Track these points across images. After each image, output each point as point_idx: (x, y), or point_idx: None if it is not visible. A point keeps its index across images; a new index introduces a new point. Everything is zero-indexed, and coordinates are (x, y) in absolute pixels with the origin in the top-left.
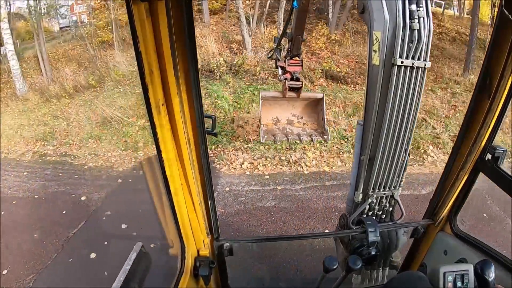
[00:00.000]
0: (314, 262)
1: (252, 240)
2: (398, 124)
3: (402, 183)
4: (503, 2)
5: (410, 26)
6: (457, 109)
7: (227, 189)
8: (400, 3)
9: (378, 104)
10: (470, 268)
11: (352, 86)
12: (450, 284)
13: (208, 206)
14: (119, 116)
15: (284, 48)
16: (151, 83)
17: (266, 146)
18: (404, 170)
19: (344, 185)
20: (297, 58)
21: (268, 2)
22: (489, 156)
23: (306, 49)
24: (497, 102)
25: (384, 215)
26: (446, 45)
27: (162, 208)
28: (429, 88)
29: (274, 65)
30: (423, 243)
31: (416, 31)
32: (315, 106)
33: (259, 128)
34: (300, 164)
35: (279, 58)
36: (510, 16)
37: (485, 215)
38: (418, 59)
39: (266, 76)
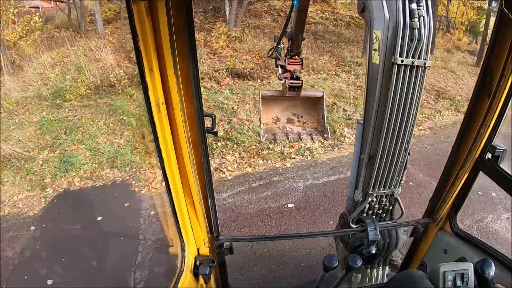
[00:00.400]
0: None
1: (252, 239)
2: (398, 123)
3: (402, 182)
4: (503, 1)
5: (410, 25)
6: (362, 89)
7: (152, 212)
8: (400, 2)
9: (378, 103)
10: (470, 267)
11: (259, 81)
12: (450, 283)
13: (208, 205)
14: (18, 152)
15: (284, 47)
16: (151, 82)
17: None
18: (405, 169)
19: (271, 183)
20: (297, 57)
21: None
22: (489, 155)
23: (207, 49)
24: (497, 101)
25: (384, 214)
26: (342, 30)
27: (162, 207)
28: (334, 73)
29: None
30: (423, 242)
31: (416, 30)
32: (315, 104)
33: (259, 127)
34: (221, 170)
35: (279, 57)
36: (510, 15)
37: (411, 183)
38: (418, 58)
39: None
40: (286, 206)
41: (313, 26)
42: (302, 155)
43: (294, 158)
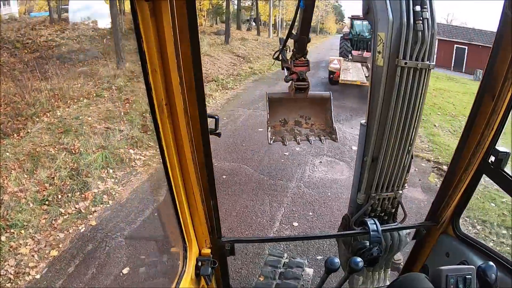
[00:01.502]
0: None
1: (254, 240)
2: (402, 125)
3: (405, 184)
4: (507, 3)
5: (414, 27)
6: (130, 100)
7: None
8: (404, 4)
9: (382, 105)
10: (473, 270)
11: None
12: (452, 286)
13: (210, 205)
14: None
15: (289, 49)
16: (154, 82)
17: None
18: (407, 171)
19: (89, 258)
20: (303, 58)
21: None
22: (492, 158)
23: None
24: (501, 103)
25: (387, 217)
26: (88, 46)
27: (165, 207)
28: (95, 94)
29: None
30: (425, 245)
31: (420, 32)
32: (322, 106)
33: (267, 130)
34: (24, 273)
35: (285, 59)
36: None
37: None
38: (422, 60)
39: None
40: None
41: (56, 50)
42: (102, 203)
43: (95, 211)
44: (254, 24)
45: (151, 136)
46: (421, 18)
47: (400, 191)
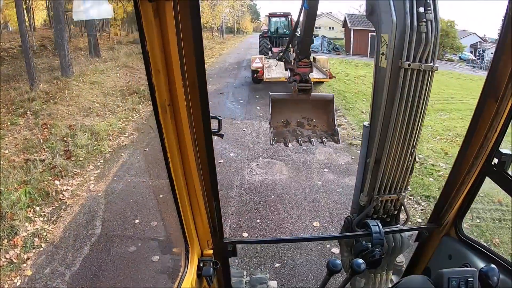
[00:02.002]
0: None
1: (256, 241)
2: (405, 127)
3: (408, 186)
4: (510, 5)
5: (417, 28)
6: (48, 125)
7: None
8: (408, 6)
9: (385, 107)
10: (475, 273)
11: None
12: None
13: (212, 206)
14: None
15: (292, 50)
16: (157, 83)
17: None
18: (410, 173)
19: None
20: (306, 60)
21: None
22: (495, 160)
23: None
24: (504, 105)
25: (389, 219)
26: None
27: (167, 208)
28: (9, 123)
29: None
30: (428, 247)
31: (424, 34)
32: (325, 107)
33: (269, 131)
34: None
35: (288, 60)
36: None
37: None
38: (426, 61)
39: None
40: None
41: None
42: (34, 247)
43: (29, 259)
44: None
45: (75, 162)
46: (425, 20)
47: (403, 193)
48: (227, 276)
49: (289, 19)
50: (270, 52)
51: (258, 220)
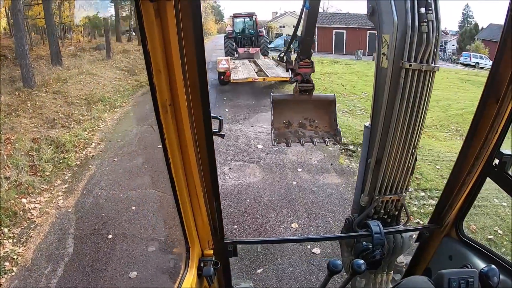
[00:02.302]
0: None
1: (256, 242)
2: (406, 127)
3: (409, 187)
4: (511, 5)
5: (419, 29)
6: (12, 140)
7: None
8: (409, 6)
9: (386, 107)
10: (475, 273)
11: None
12: None
13: (213, 206)
14: None
15: (293, 51)
16: (158, 83)
17: None
18: (411, 174)
19: None
20: (307, 60)
21: None
22: (496, 161)
23: None
24: (505, 106)
25: (390, 219)
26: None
27: (168, 208)
28: None
29: None
30: (428, 247)
31: (425, 34)
32: (327, 108)
33: (271, 131)
34: None
35: (289, 60)
36: None
37: None
38: (427, 62)
39: None
40: None
41: None
42: (5, 273)
43: (1, 285)
44: (134, 34)
45: (42, 177)
46: (426, 20)
47: (404, 194)
48: (228, 276)
49: (254, 19)
50: (235, 53)
51: (236, 226)
